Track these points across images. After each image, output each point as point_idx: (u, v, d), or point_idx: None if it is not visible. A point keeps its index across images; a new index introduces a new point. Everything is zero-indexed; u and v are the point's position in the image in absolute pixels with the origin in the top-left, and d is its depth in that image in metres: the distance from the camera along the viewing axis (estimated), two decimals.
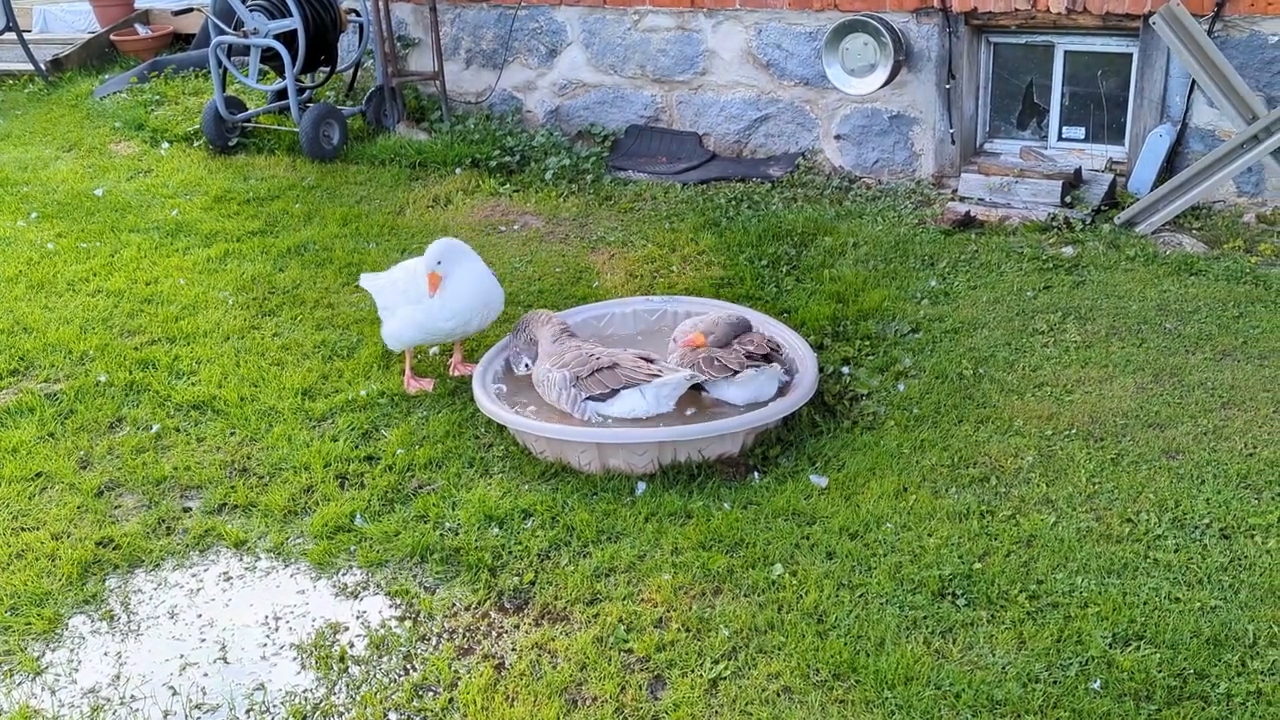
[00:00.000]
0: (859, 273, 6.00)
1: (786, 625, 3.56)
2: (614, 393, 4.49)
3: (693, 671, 3.41)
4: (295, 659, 3.58)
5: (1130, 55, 6.90)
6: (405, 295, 4.94)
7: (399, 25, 8.88)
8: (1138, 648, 3.42)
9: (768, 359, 4.56)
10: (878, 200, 7.12)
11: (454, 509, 4.23)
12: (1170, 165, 6.73)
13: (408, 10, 8.85)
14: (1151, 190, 6.57)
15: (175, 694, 3.45)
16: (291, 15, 8.06)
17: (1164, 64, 6.67)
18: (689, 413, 4.63)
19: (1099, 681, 3.29)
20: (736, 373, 4.49)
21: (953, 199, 6.91)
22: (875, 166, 7.51)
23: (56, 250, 6.68)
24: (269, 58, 8.28)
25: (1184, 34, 6.32)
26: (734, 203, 7.16)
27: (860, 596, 3.68)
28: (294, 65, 8.04)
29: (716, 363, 4.54)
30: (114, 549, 4.13)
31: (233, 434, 4.82)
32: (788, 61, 7.64)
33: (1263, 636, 3.42)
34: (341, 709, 3.35)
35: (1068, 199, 6.60)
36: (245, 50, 8.49)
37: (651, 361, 4.58)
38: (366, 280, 5.23)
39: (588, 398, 4.51)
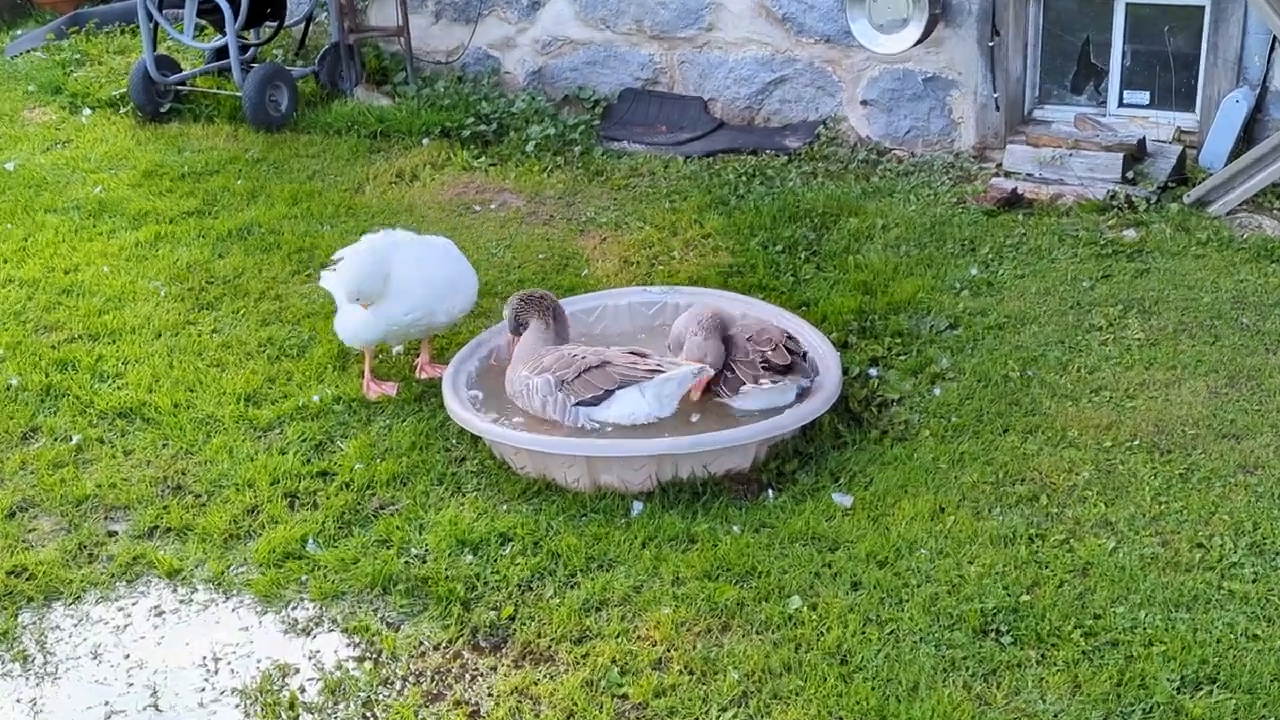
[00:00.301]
0: (889, 259, 6.01)
1: (805, 667, 3.57)
2: (608, 394, 4.49)
3: None
4: (238, 705, 3.58)
5: (1202, 8, 6.91)
6: None
7: None
8: (1210, 692, 3.43)
9: (790, 369, 4.58)
10: (910, 175, 7.13)
11: (421, 532, 4.23)
12: (1248, 135, 6.74)
13: None
14: (1226, 164, 6.58)
15: None
16: None
17: (1240, 18, 6.68)
18: (693, 419, 4.65)
19: None
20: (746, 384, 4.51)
21: (997, 174, 6.92)
22: (908, 137, 7.52)
23: None
24: (207, 11, 8.27)
25: None
26: (745, 178, 7.16)
27: (890, 634, 3.69)
28: (236, 19, 8.03)
29: (729, 376, 4.55)
30: (27, 579, 4.12)
31: (165, 446, 4.82)
32: (807, 15, 7.65)
33: None
34: None
35: (1130, 174, 6.62)
36: (179, 3, 8.49)
37: (646, 357, 4.59)
38: (325, 279, 5.26)
39: (578, 403, 4.51)
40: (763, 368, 4.53)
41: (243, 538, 4.29)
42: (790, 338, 4.68)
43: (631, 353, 4.62)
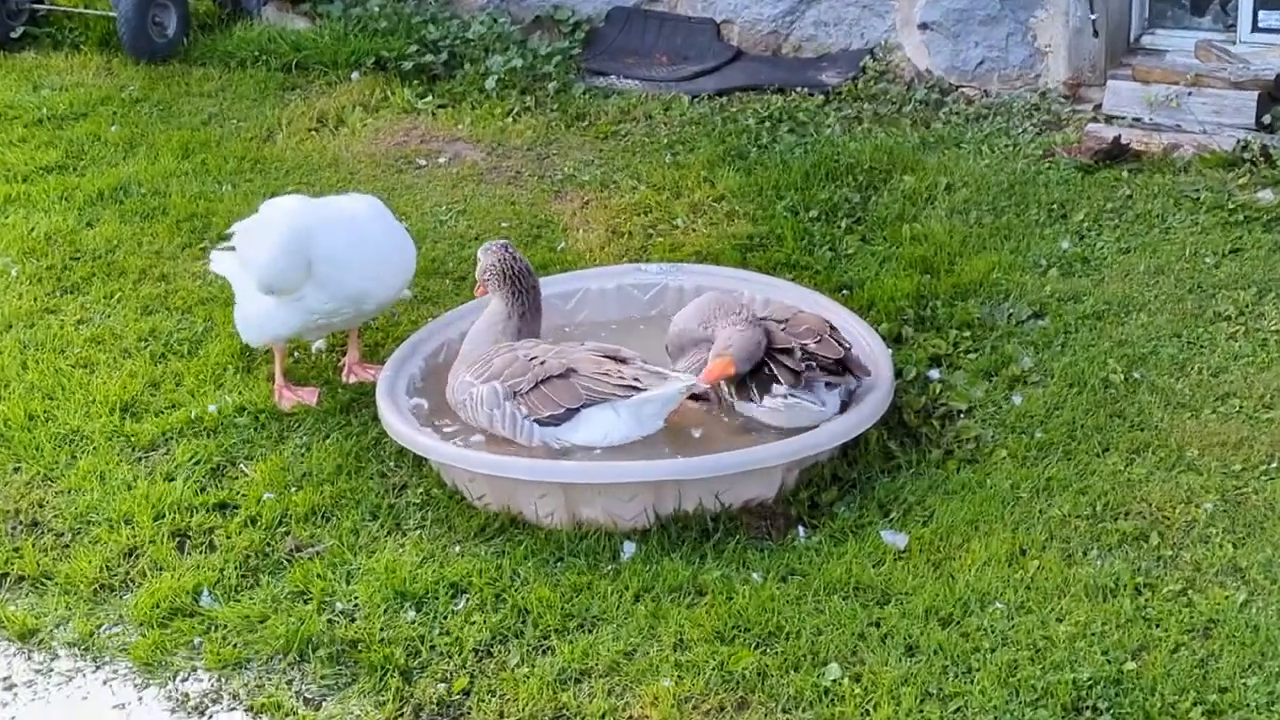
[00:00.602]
0: (955, 229, 6.01)
1: None
2: (571, 413, 4.50)
3: None
4: None
5: None
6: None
7: None
8: None
9: (844, 367, 4.57)
10: (983, 120, 7.12)
11: (349, 582, 4.22)
12: None
13: None
14: None
15: None
16: None
17: None
18: (695, 434, 4.65)
19: None
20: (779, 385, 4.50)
21: (1094, 119, 6.92)
22: (980, 70, 7.51)
23: None
24: None
25: None
26: (769, 124, 7.16)
27: (957, 712, 3.68)
28: None
29: (763, 375, 4.53)
30: None
31: (17, 470, 4.80)
32: None
33: None
34: None
35: (1266, 119, 6.61)
36: None
37: (624, 362, 4.60)
38: (218, 262, 5.25)
39: (534, 420, 4.52)
40: (804, 366, 4.50)
41: (118, 589, 4.27)
42: (832, 328, 4.69)
43: (605, 355, 4.62)
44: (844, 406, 4.63)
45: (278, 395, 5.07)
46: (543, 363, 4.56)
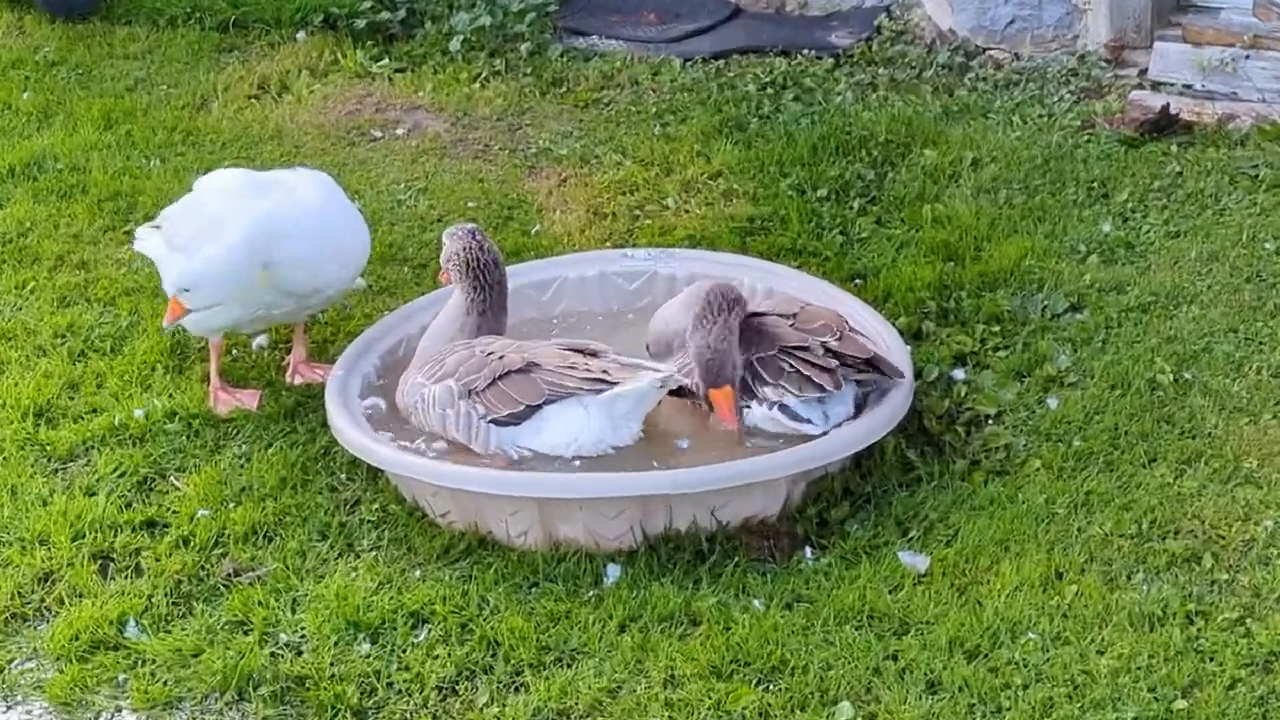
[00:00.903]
0: (983, 210, 6.01)
1: None
2: (531, 411, 4.49)
3: None
4: None
5: None
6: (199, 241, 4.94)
7: None
8: None
9: (871, 366, 4.57)
10: (1014, 88, 7.13)
11: (295, 611, 4.22)
12: None
13: None
14: None
15: None
16: None
17: None
18: (681, 445, 4.65)
19: None
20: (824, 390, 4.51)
21: (1140, 85, 6.93)
22: (1010, 30, 7.52)
23: None
24: None
25: None
26: (772, 91, 7.15)
27: None
28: None
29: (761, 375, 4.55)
30: None
31: None
32: None
33: None
34: None
35: None
36: None
37: (594, 355, 4.60)
38: (143, 240, 5.24)
39: (490, 420, 4.52)
40: (829, 360, 4.49)
41: (31, 618, 4.26)
42: (846, 324, 4.70)
43: (571, 349, 4.62)
44: (858, 410, 4.64)
45: (213, 398, 5.07)
46: (501, 358, 4.56)
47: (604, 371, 4.48)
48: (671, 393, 4.63)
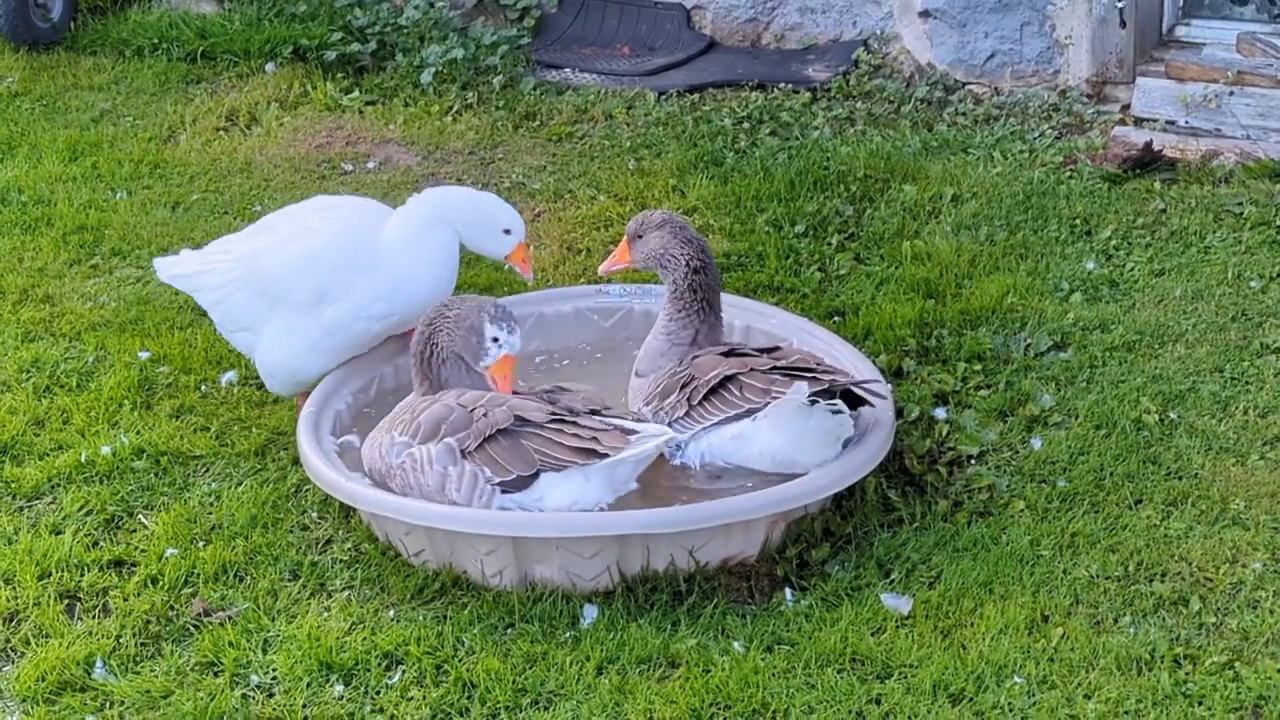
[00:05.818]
0: (963, 247, 6.04)
1: None
2: (527, 481, 4.40)
3: None
4: None
5: None
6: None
7: None
8: None
9: (851, 400, 4.56)
10: (994, 123, 7.17)
11: (266, 652, 4.20)
12: None
13: None
14: None
15: None
16: None
17: None
18: (663, 483, 4.63)
19: None
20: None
21: (1122, 121, 6.98)
22: (990, 65, 7.57)
23: None
24: None
25: None
26: (748, 126, 7.19)
27: None
28: None
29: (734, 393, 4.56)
30: None
31: None
32: None
33: None
34: None
35: None
36: None
37: (573, 393, 4.55)
38: (170, 267, 5.15)
39: (499, 484, 4.43)
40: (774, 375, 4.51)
41: None
42: (819, 362, 4.71)
43: (543, 393, 4.56)
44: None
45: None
46: (482, 412, 4.47)
47: (594, 438, 4.38)
48: None
